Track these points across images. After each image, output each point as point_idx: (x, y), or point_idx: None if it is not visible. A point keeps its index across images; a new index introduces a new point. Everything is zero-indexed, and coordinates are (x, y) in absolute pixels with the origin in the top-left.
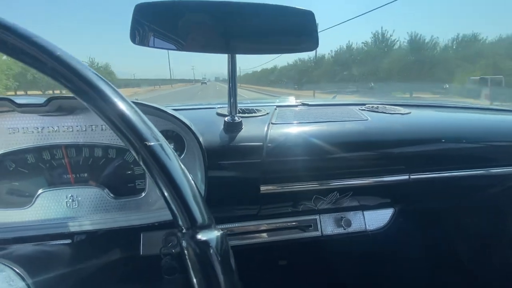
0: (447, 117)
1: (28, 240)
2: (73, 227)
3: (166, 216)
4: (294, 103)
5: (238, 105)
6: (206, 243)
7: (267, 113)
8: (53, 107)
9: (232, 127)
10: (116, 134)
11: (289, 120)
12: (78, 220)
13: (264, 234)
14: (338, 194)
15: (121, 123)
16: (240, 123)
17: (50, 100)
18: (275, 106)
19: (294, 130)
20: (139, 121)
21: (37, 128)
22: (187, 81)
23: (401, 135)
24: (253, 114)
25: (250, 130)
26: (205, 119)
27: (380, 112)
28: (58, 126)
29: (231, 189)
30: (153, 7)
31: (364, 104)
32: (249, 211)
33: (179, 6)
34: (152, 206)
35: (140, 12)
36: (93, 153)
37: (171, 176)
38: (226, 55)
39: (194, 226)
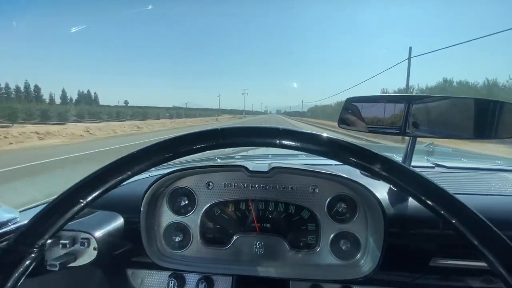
0: None
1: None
2: (261, 272)
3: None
4: (427, 164)
5: None
6: None
7: None
8: (273, 173)
9: (402, 195)
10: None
11: (448, 190)
12: (264, 265)
13: None
14: None
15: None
16: None
17: (273, 168)
18: (410, 164)
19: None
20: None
21: (244, 184)
22: (237, 112)
23: None
24: None
25: None
26: None
27: None
28: (257, 184)
29: (402, 257)
30: (359, 99)
31: None
32: (413, 279)
33: (377, 99)
34: (322, 261)
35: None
36: (277, 208)
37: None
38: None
39: None
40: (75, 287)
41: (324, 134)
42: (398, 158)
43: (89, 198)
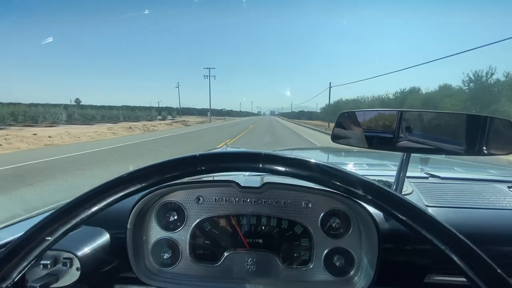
0: None
1: None
2: None
3: None
4: (420, 174)
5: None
6: None
7: (412, 192)
8: (265, 189)
9: None
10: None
11: (442, 203)
12: (256, 282)
13: None
14: None
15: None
16: None
17: (265, 184)
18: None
19: (455, 216)
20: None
21: (236, 199)
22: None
23: None
24: (405, 192)
25: None
26: None
27: None
28: (249, 199)
29: (396, 274)
30: (352, 114)
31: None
32: None
33: (370, 113)
34: (316, 278)
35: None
36: (269, 223)
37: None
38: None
39: None
40: None
41: (312, 160)
42: (393, 168)
43: (56, 236)
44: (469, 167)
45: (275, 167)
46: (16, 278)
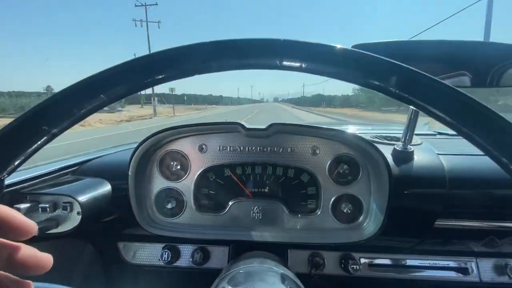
0: None
1: (217, 243)
2: (259, 237)
3: (337, 238)
4: (428, 132)
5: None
6: None
7: (421, 143)
8: (271, 132)
9: (406, 156)
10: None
11: (451, 151)
12: (262, 231)
13: (417, 271)
14: None
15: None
16: (412, 153)
17: (271, 125)
18: (414, 135)
19: (466, 163)
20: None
21: (240, 147)
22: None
23: None
24: (414, 143)
25: (422, 160)
26: None
27: None
28: (255, 147)
29: (406, 220)
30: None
31: None
32: (415, 244)
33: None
34: (324, 225)
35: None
36: (275, 172)
37: None
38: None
39: None
40: (65, 263)
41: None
42: (400, 131)
43: (57, 128)
44: None
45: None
46: (8, 178)
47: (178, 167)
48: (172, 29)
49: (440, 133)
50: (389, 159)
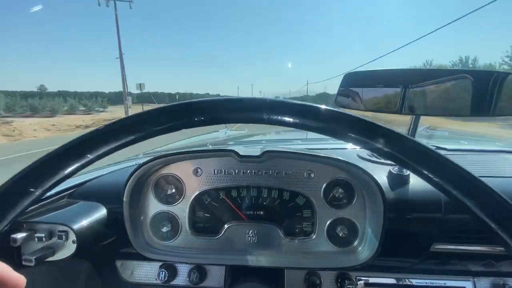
0: None
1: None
2: (254, 261)
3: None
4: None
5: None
6: None
7: None
8: (265, 158)
9: (401, 179)
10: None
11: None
12: (257, 254)
13: None
14: None
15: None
16: (408, 176)
17: (265, 152)
18: None
19: None
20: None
21: (235, 171)
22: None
23: None
24: None
25: (418, 183)
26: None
27: None
28: (250, 170)
29: (402, 243)
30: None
31: None
32: (412, 265)
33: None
34: (319, 249)
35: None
36: (271, 195)
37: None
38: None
39: None
40: (63, 281)
41: (322, 106)
42: None
43: (43, 188)
44: (474, 141)
45: (281, 117)
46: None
47: (173, 190)
48: (147, 11)
49: (438, 148)
50: (384, 182)
